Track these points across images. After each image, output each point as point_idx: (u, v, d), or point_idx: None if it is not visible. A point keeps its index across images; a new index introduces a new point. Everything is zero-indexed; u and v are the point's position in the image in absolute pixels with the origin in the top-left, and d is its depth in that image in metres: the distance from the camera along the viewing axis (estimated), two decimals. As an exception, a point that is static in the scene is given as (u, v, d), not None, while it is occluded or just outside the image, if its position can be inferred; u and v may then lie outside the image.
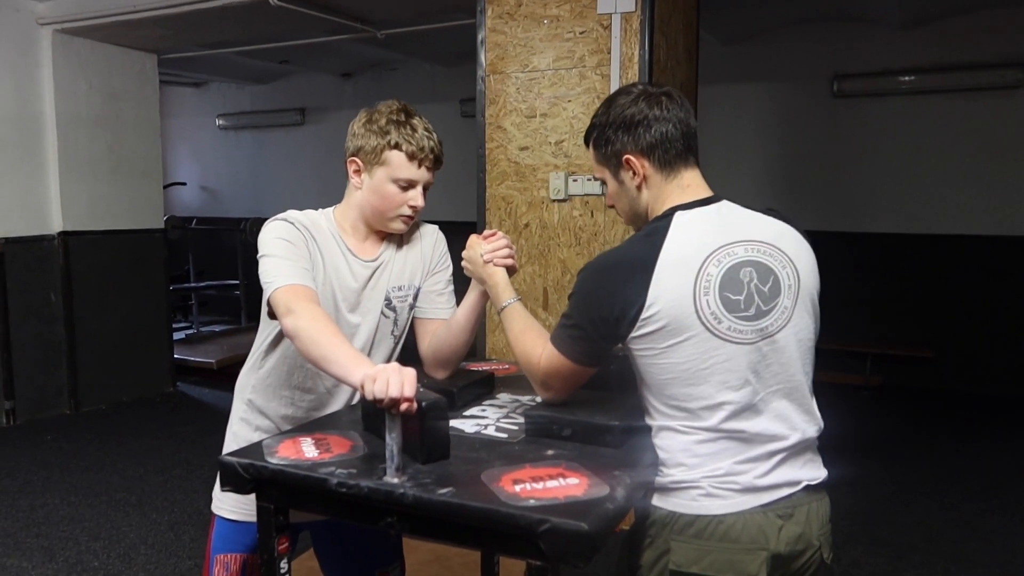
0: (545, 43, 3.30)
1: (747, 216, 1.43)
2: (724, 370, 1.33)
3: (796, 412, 1.40)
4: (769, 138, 6.28)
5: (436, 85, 7.41)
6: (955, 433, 4.91)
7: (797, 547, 1.37)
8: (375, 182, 1.70)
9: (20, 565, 3.17)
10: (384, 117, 1.69)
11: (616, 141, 1.44)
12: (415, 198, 1.72)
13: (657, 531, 1.39)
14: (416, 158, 1.68)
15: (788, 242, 1.42)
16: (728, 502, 1.34)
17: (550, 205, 3.34)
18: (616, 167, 1.47)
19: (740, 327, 1.33)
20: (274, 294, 1.57)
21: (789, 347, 1.38)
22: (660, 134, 1.42)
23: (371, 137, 1.68)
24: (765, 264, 1.37)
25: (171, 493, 3.91)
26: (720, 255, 1.34)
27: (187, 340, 6.97)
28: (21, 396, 5.07)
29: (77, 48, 5.21)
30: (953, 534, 3.41)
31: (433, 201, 1.85)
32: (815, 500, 1.41)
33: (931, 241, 5.82)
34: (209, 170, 9.06)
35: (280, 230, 1.66)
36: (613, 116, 1.45)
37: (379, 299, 1.78)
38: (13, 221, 5.00)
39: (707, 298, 1.31)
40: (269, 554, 1.41)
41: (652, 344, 1.34)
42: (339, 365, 1.42)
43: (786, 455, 1.38)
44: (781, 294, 1.37)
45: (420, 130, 1.70)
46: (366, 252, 1.78)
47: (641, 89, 1.46)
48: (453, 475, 1.30)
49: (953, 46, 5.57)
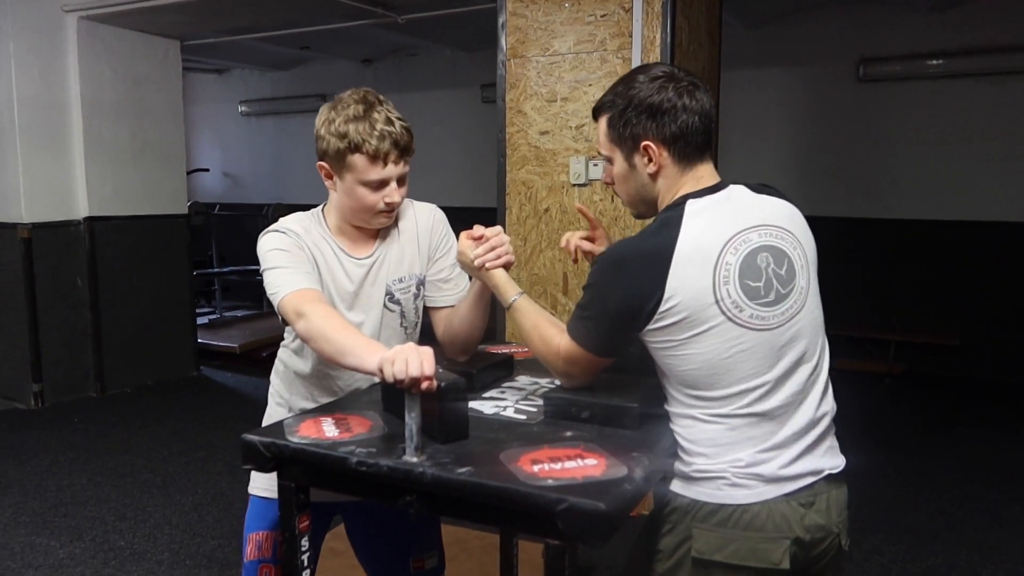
0: (566, 27, 3.27)
1: (755, 200, 1.42)
2: (748, 358, 1.32)
3: (818, 393, 1.40)
4: (793, 123, 6.21)
5: (457, 71, 7.40)
6: (979, 422, 4.85)
7: (818, 535, 1.37)
8: (346, 186, 1.65)
9: (48, 544, 3.24)
10: (341, 116, 1.60)
11: (637, 124, 1.40)
12: (389, 194, 1.65)
13: (679, 518, 1.38)
14: (379, 157, 1.60)
15: (794, 222, 1.42)
16: (753, 491, 1.33)
17: (570, 190, 3.33)
18: (631, 150, 1.43)
19: (762, 314, 1.32)
20: (281, 304, 1.58)
21: (807, 328, 1.38)
22: (685, 126, 1.38)
23: (332, 140, 1.61)
24: (779, 248, 1.37)
25: (194, 475, 3.96)
26: (736, 242, 1.33)
27: (210, 325, 7.05)
28: (48, 379, 5.16)
29: (101, 35, 5.25)
30: (976, 523, 3.37)
31: (454, 186, 1.85)
32: (835, 488, 1.41)
33: (958, 227, 5.73)
34: (232, 156, 9.13)
35: (274, 241, 1.66)
36: (637, 98, 1.39)
37: (379, 295, 1.76)
38: (40, 207, 5.07)
39: (727, 287, 1.30)
40: (290, 532, 1.43)
41: (671, 336, 1.33)
42: (354, 355, 1.43)
43: (809, 443, 1.37)
44: (796, 276, 1.38)
45: (380, 124, 1.59)
46: (359, 250, 1.75)
47: (667, 72, 1.41)
48: (472, 455, 1.30)
49: (982, 29, 5.45)
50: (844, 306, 5.93)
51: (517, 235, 3.42)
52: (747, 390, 1.33)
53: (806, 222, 1.45)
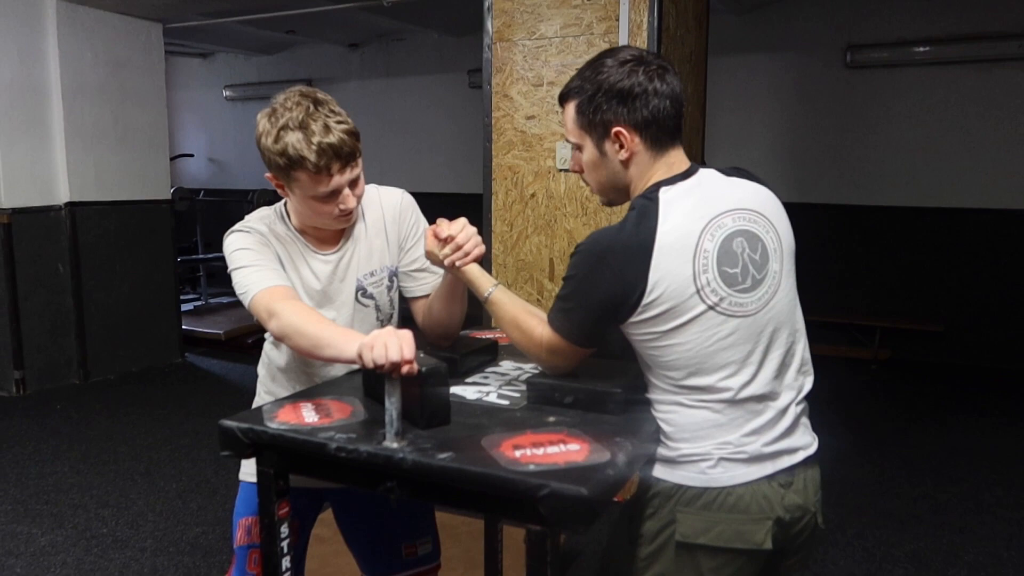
0: (552, 10, 3.24)
1: (727, 183, 1.40)
2: (730, 345, 1.32)
3: (794, 374, 1.42)
4: (780, 109, 6.20)
5: (444, 55, 7.34)
6: (963, 407, 4.88)
7: (796, 514, 1.39)
8: (297, 198, 1.60)
9: (30, 531, 3.20)
10: (276, 128, 1.51)
11: (608, 110, 1.36)
12: (344, 200, 1.57)
13: (661, 502, 1.38)
14: (321, 171, 1.51)
15: (767, 205, 1.41)
16: (737, 473, 1.34)
17: (557, 175, 3.31)
18: (601, 137, 1.39)
19: (740, 300, 1.32)
20: (252, 304, 1.55)
21: (782, 312, 1.39)
22: (657, 110, 1.35)
23: (273, 154, 1.53)
24: (752, 232, 1.36)
25: (179, 462, 3.94)
26: (712, 228, 1.32)
27: (195, 311, 7.01)
28: (30, 366, 5.11)
29: (82, 17, 5.17)
30: (959, 507, 3.40)
31: (441, 171, 1.81)
32: (810, 468, 1.43)
33: (944, 215, 5.76)
34: (216, 141, 9.04)
35: (239, 240, 1.63)
36: (607, 83, 1.35)
37: (349, 291, 1.72)
38: (20, 192, 5.00)
39: (707, 275, 1.30)
40: (269, 518, 1.41)
41: (653, 328, 1.32)
42: (332, 346, 1.41)
43: (788, 424, 1.38)
44: (770, 260, 1.37)
45: (317, 137, 1.48)
46: (326, 245, 1.70)
47: (636, 56, 1.37)
48: (453, 440, 1.29)
49: (969, 16, 5.46)
50: (830, 292, 5.96)
51: (503, 220, 3.40)
52: (730, 376, 1.33)
53: (781, 205, 1.44)
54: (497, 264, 3.43)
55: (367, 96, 7.69)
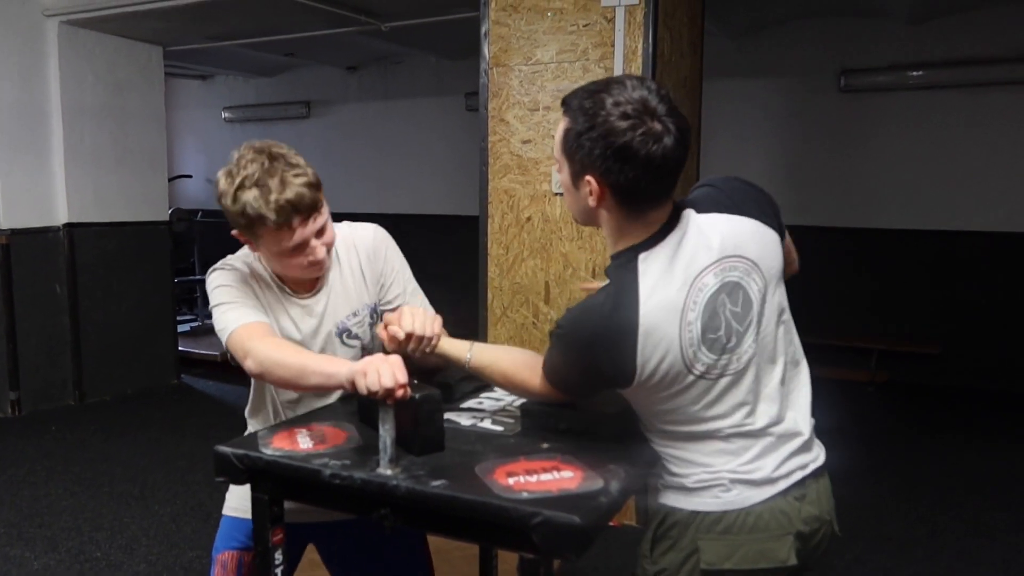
0: (548, 36, 3.28)
1: (706, 229, 1.32)
2: (725, 399, 1.34)
3: (799, 396, 1.43)
4: (775, 133, 6.24)
5: (441, 79, 7.39)
6: (961, 430, 4.88)
7: (814, 525, 1.40)
8: (265, 253, 1.59)
9: (23, 555, 3.18)
10: (233, 188, 1.48)
11: (587, 155, 1.25)
12: (312, 252, 1.55)
13: (680, 531, 1.37)
14: (283, 227, 1.49)
15: (747, 242, 1.34)
16: (751, 495, 1.34)
17: (552, 199, 3.33)
18: (577, 173, 1.30)
19: (726, 361, 1.32)
20: (229, 342, 1.53)
21: (767, 346, 1.38)
22: (637, 182, 1.24)
23: (235, 216, 1.51)
24: (733, 282, 1.32)
25: (174, 485, 3.91)
26: (694, 294, 1.28)
27: (192, 332, 6.99)
28: (26, 387, 5.09)
29: (83, 39, 5.21)
30: (958, 530, 3.39)
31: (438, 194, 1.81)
32: (820, 478, 1.44)
33: (939, 237, 5.78)
34: (215, 163, 8.89)
35: (219, 278, 1.62)
36: (599, 127, 1.23)
37: (330, 334, 1.69)
38: (19, 212, 5.01)
39: (692, 348, 1.29)
40: (263, 545, 1.41)
41: (650, 392, 1.33)
42: (317, 373, 1.40)
43: (799, 445, 1.40)
44: (752, 306, 1.34)
45: (274, 194, 1.46)
46: (303, 290, 1.68)
47: (640, 108, 1.22)
48: (447, 467, 1.29)
49: (962, 41, 5.51)
50: (827, 315, 5.97)
51: (499, 243, 3.41)
52: (731, 415, 1.35)
53: (765, 228, 1.36)
54: (493, 287, 3.44)
55: (365, 118, 7.73)
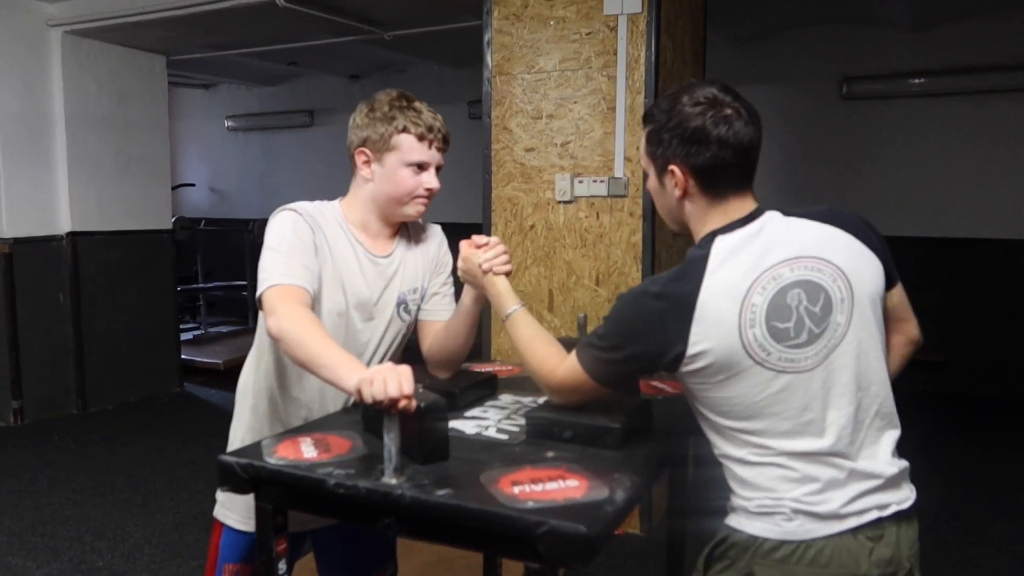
0: (551, 44, 3.29)
1: (792, 228, 1.34)
2: (784, 399, 1.28)
3: (880, 427, 1.39)
4: (776, 140, 6.22)
5: (444, 87, 7.41)
6: (966, 438, 4.86)
7: (888, 570, 1.31)
8: (387, 169, 1.68)
9: (25, 564, 3.18)
10: (386, 104, 1.68)
11: (669, 148, 1.35)
12: (430, 180, 1.70)
13: (737, 553, 1.34)
14: (426, 139, 1.67)
15: (836, 250, 1.33)
16: (813, 527, 1.29)
17: (556, 206, 3.33)
18: (661, 170, 1.39)
19: (792, 356, 1.27)
20: (265, 293, 1.54)
21: (848, 364, 1.31)
22: (715, 160, 1.32)
23: (377, 125, 1.67)
24: (814, 282, 1.29)
25: (176, 493, 3.91)
26: (765, 280, 1.27)
27: (195, 341, 7.00)
28: (29, 396, 5.09)
29: (86, 49, 5.23)
30: (962, 540, 3.37)
31: (439, 203, 1.84)
32: (904, 522, 1.36)
33: (942, 245, 5.78)
34: (218, 171, 9.09)
35: (287, 222, 1.62)
36: (675, 120, 1.33)
37: (391, 301, 1.75)
38: (22, 221, 5.02)
39: (753, 331, 1.25)
40: (267, 555, 1.40)
41: (704, 379, 1.30)
42: (330, 369, 1.40)
43: (879, 483, 1.33)
44: (833, 311, 1.30)
45: (425, 112, 1.69)
46: (379, 248, 1.75)
47: (710, 97, 1.34)
48: (452, 476, 1.28)
49: (964, 48, 5.53)
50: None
51: (502, 252, 3.41)
52: (789, 431, 1.29)
53: (864, 248, 1.38)
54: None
55: (368, 127, 7.76)
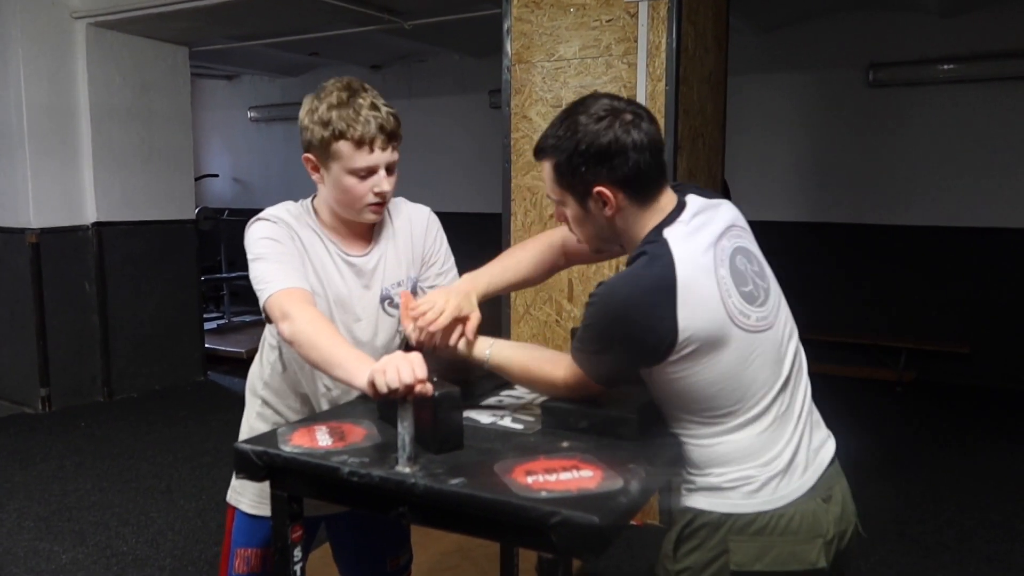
0: (571, 32, 3.26)
1: (711, 205, 1.41)
2: (764, 364, 1.34)
3: (804, 376, 1.45)
4: (802, 128, 6.17)
5: (465, 76, 7.40)
6: (991, 431, 4.78)
7: (842, 527, 1.40)
8: (333, 177, 1.59)
9: (51, 549, 3.23)
10: (324, 103, 1.56)
11: (587, 171, 1.33)
12: (378, 184, 1.59)
13: (709, 533, 1.36)
14: (364, 143, 1.54)
15: (737, 215, 1.45)
16: (783, 492, 1.35)
17: (575, 196, 3.31)
18: (583, 196, 1.36)
19: (761, 314, 1.35)
20: (268, 301, 1.53)
21: (785, 320, 1.42)
22: (638, 166, 1.32)
23: (316, 129, 1.56)
24: (746, 247, 1.40)
25: (199, 480, 3.96)
26: (719, 254, 1.33)
27: (218, 330, 7.07)
28: (56, 384, 5.17)
29: (110, 41, 5.27)
30: (987, 534, 3.32)
31: (462, 191, 1.82)
32: (837, 475, 1.45)
33: (969, 234, 5.68)
34: (241, 162, 9.16)
35: (265, 229, 1.61)
36: (584, 142, 1.31)
37: (374, 299, 1.71)
38: (49, 212, 5.09)
39: (731, 299, 1.30)
40: (283, 542, 1.41)
41: (690, 364, 1.30)
42: (342, 368, 1.40)
43: (810, 427, 1.42)
44: (764, 270, 1.41)
45: (364, 110, 1.54)
46: (354, 247, 1.69)
47: (608, 108, 1.33)
48: (465, 465, 1.28)
49: (993, 34, 5.41)
50: (854, 313, 5.89)
51: (522, 240, 3.40)
52: (767, 392, 1.34)
53: None
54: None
55: (389, 116, 7.77)
